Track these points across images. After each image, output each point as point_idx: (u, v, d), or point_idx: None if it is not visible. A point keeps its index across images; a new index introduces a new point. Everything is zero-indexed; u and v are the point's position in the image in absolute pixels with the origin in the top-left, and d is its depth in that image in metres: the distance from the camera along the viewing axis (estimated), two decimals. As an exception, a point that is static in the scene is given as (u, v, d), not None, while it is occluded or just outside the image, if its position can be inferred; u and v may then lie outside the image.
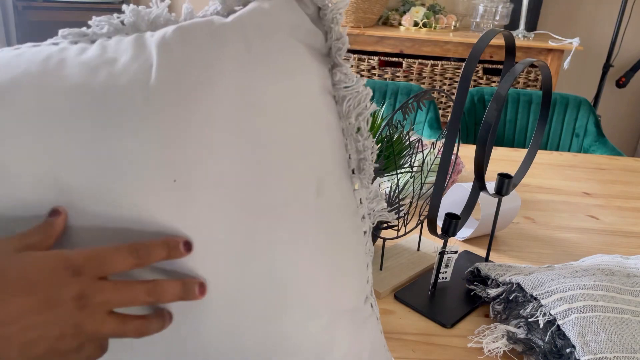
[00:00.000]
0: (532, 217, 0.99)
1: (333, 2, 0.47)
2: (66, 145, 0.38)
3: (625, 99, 2.93)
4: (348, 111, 0.49)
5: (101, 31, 0.44)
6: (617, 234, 0.95)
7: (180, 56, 0.40)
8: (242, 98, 0.41)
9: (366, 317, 0.50)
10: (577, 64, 2.73)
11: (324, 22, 0.48)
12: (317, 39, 0.47)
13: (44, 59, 0.40)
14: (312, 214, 0.45)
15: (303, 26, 0.46)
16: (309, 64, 0.46)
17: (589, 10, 2.73)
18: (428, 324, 0.67)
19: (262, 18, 0.44)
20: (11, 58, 0.40)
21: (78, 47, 0.42)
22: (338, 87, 0.48)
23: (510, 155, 1.33)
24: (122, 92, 0.39)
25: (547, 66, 0.69)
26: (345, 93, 0.48)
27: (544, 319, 0.60)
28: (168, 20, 0.44)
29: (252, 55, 0.42)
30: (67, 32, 0.43)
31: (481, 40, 0.58)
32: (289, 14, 0.45)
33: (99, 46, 0.42)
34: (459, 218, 0.67)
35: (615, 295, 0.62)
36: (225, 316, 0.41)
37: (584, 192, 1.13)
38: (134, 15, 0.44)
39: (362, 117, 0.49)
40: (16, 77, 0.39)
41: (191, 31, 0.42)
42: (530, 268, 0.71)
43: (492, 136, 0.76)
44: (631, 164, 1.33)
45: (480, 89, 1.86)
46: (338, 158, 0.48)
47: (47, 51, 0.41)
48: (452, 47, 2.29)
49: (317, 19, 0.48)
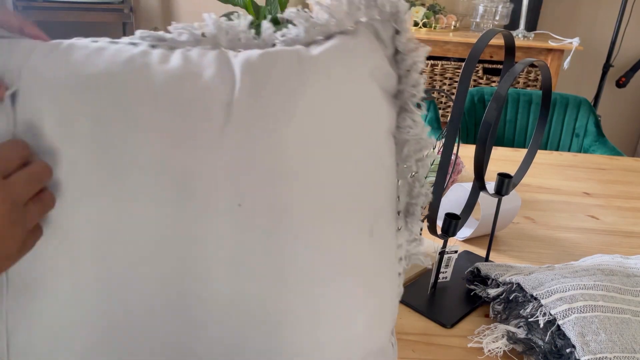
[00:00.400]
0: (532, 217, 0.99)
1: (412, 47, 0.46)
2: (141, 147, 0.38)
3: (625, 99, 2.93)
4: (408, 155, 0.49)
5: (180, 38, 0.43)
6: (617, 234, 0.95)
7: (264, 81, 0.40)
8: (316, 133, 0.41)
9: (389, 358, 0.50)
10: (577, 64, 2.73)
11: (401, 65, 0.47)
12: (391, 81, 0.47)
13: (126, 60, 0.39)
14: (362, 254, 0.45)
15: (382, 68, 0.46)
16: (381, 106, 0.46)
17: (589, 10, 2.73)
18: (428, 324, 0.67)
19: (347, 57, 0.44)
20: (91, 53, 0.40)
21: (159, 54, 0.41)
22: (402, 131, 0.48)
23: (510, 155, 1.33)
24: (204, 108, 0.39)
25: (547, 66, 0.69)
26: (408, 137, 0.48)
27: (544, 319, 0.60)
28: (249, 40, 0.44)
29: (333, 93, 0.42)
30: (146, 33, 0.43)
31: (481, 40, 0.58)
32: (371, 55, 0.45)
33: (182, 56, 0.41)
34: (459, 218, 0.67)
35: (616, 295, 0.62)
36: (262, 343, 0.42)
37: (584, 192, 1.13)
38: (216, 28, 0.43)
39: (422, 163, 0.49)
40: (98, 75, 0.38)
41: (278, 59, 0.42)
42: (531, 268, 0.71)
43: (492, 136, 0.76)
44: (631, 164, 1.33)
45: (480, 89, 1.86)
46: (390, 199, 0.48)
47: (129, 52, 0.40)
48: (452, 47, 2.29)
49: (394, 61, 0.47)
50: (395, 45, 0.47)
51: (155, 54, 0.41)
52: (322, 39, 0.45)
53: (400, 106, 0.48)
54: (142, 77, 0.39)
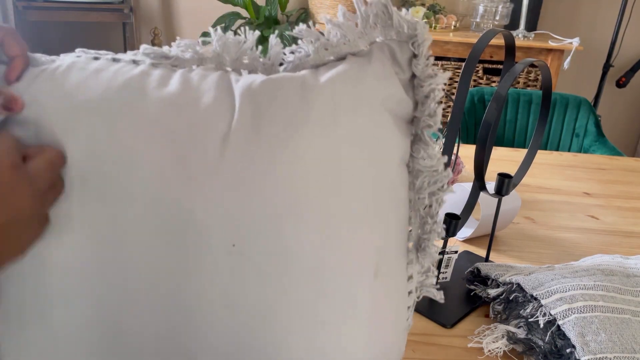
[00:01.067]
0: (532, 217, 0.99)
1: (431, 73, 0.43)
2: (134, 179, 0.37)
3: (625, 99, 2.93)
4: (422, 187, 0.45)
5: (184, 56, 0.41)
6: (617, 234, 0.95)
7: (265, 113, 0.38)
8: (318, 165, 0.39)
9: None
10: (577, 64, 2.73)
11: (418, 92, 0.44)
12: (406, 108, 0.44)
13: (123, 84, 0.38)
14: (365, 296, 0.42)
15: (395, 96, 0.42)
16: (393, 136, 0.42)
17: (589, 10, 2.73)
18: (428, 324, 0.67)
19: (357, 86, 0.41)
20: (89, 75, 0.39)
21: (159, 75, 0.39)
22: (416, 160, 0.45)
23: (510, 155, 1.33)
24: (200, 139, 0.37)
25: (547, 66, 0.69)
26: (423, 168, 0.45)
27: (544, 319, 0.60)
28: (254, 60, 0.42)
29: (338, 123, 0.39)
30: (149, 50, 0.41)
31: (481, 40, 0.58)
32: (384, 83, 0.42)
33: (181, 79, 0.39)
34: (459, 218, 0.67)
35: (616, 296, 0.62)
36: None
37: (584, 192, 1.13)
38: (220, 46, 0.41)
39: (436, 197, 0.45)
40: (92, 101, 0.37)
41: (281, 88, 0.39)
42: (531, 268, 0.71)
43: (492, 136, 0.76)
44: (631, 164, 1.33)
45: (480, 89, 1.86)
46: (400, 232, 0.45)
47: (127, 74, 0.39)
48: (452, 47, 2.29)
49: (410, 86, 0.44)
50: (413, 69, 0.43)
51: (155, 75, 0.39)
52: (333, 60, 0.42)
53: (415, 134, 0.45)
54: (137, 105, 0.38)
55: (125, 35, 2.60)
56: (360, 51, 0.43)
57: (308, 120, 0.39)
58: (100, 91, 0.38)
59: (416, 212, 0.46)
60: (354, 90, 0.40)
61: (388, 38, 0.43)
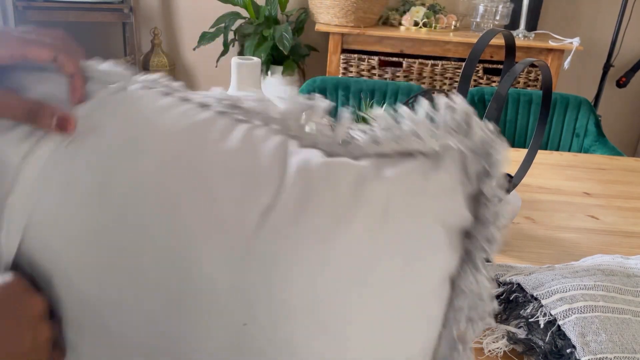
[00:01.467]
0: (532, 217, 0.99)
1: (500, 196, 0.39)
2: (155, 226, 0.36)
3: (625, 99, 2.93)
4: (460, 307, 0.41)
5: (255, 109, 0.40)
6: (618, 234, 0.95)
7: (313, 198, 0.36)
8: (356, 266, 0.36)
9: None
10: (578, 64, 2.73)
11: (481, 211, 0.40)
12: (463, 222, 0.40)
13: (185, 129, 0.38)
14: None
15: (454, 211, 0.39)
16: (441, 252, 0.39)
17: (589, 10, 2.73)
18: (428, 324, 0.67)
19: (415, 195, 0.38)
20: (153, 112, 0.39)
21: (223, 126, 0.39)
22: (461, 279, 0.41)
23: (510, 156, 1.33)
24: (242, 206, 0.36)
25: (547, 66, 0.69)
26: (467, 290, 0.41)
27: (544, 319, 0.60)
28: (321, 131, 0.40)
29: (386, 228, 0.37)
30: (224, 95, 0.40)
31: (481, 40, 0.58)
32: (447, 196, 0.39)
33: (243, 135, 0.38)
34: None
35: (616, 296, 0.62)
36: None
37: (584, 192, 1.13)
38: (284, 116, 0.40)
39: (472, 324, 0.41)
40: (152, 140, 0.37)
41: (337, 175, 0.37)
42: (531, 268, 0.71)
43: (492, 136, 0.76)
44: (631, 164, 1.33)
45: (480, 89, 1.86)
46: (424, 351, 0.41)
47: (191, 119, 0.39)
48: (452, 47, 2.29)
49: (472, 201, 0.41)
50: (481, 186, 0.40)
51: (219, 126, 0.39)
52: (399, 155, 0.39)
53: (467, 251, 0.41)
54: (194, 158, 0.37)
55: (125, 35, 2.60)
56: (431, 151, 0.40)
57: (355, 215, 0.36)
58: (160, 133, 0.38)
59: (448, 331, 0.42)
60: (412, 200, 0.38)
61: (463, 145, 0.40)
